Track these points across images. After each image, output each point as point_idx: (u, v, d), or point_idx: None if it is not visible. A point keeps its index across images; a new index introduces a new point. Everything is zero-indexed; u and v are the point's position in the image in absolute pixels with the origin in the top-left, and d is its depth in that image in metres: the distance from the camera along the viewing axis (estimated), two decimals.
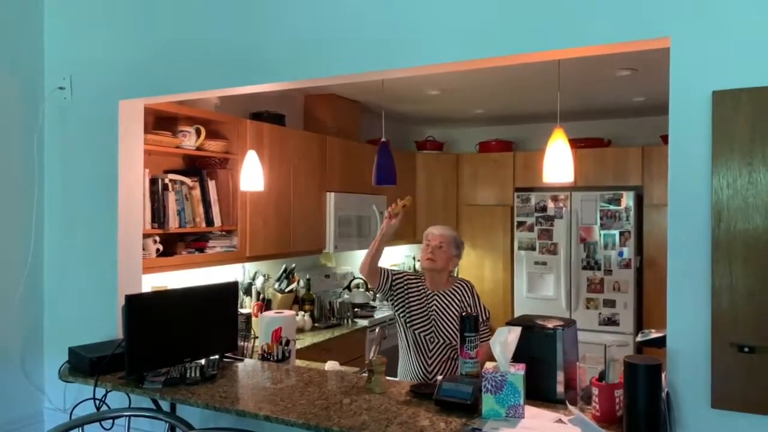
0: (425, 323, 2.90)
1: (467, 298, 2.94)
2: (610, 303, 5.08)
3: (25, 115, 3.15)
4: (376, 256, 2.90)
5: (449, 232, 2.99)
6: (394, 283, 2.95)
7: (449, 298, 2.93)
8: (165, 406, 2.60)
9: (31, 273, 3.14)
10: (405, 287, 2.96)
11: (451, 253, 2.95)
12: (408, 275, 3.04)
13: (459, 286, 2.98)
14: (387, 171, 3.31)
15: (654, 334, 2.26)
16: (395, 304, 2.97)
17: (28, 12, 3.17)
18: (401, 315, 2.95)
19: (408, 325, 2.93)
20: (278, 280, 4.20)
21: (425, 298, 2.95)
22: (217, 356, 2.68)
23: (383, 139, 3.39)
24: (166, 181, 3.33)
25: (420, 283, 2.99)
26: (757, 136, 1.78)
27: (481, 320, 2.85)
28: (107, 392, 2.54)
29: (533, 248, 5.37)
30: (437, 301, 2.93)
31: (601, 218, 5.11)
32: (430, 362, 2.89)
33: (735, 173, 1.80)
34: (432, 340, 2.89)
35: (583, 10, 2.04)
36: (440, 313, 2.90)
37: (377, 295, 4.74)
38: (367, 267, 2.90)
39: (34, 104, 3.18)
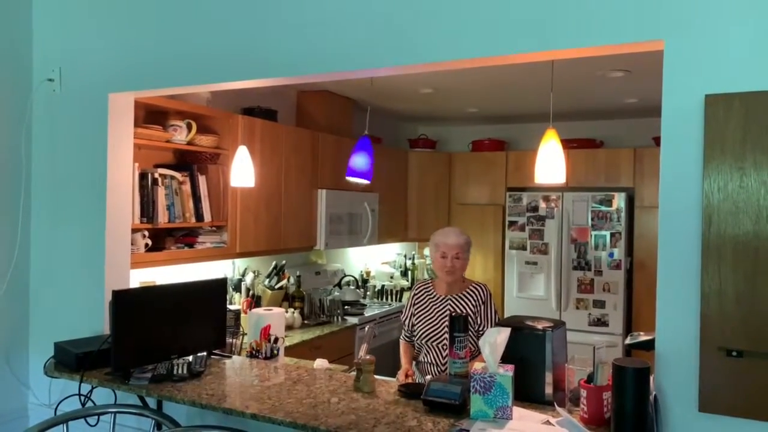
0: (437, 333, 2.94)
1: (480, 302, 2.96)
2: (599, 304, 5.09)
3: (12, 107, 3.11)
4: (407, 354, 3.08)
5: (462, 239, 3.00)
6: (413, 328, 3.05)
7: (464, 301, 2.96)
8: (151, 402, 2.59)
9: (17, 266, 3.11)
10: (412, 314, 3.05)
11: (466, 259, 3.01)
12: (415, 297, 3.08)
13: (474, 288, 2.99)
14: (362, 166, 3.29)
15: (643, 337, 2.27)
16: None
17: (17, 1, 3.13)
18: (415, 334, 3.05)
19: (421, 340, 2.99)
20: (268, 276, 4.18)
21: (438, 306, 2.98)
22: (204, 353, 2.66)
23: (365, 134, 3.39)
24: (156, 175, 3.31)
25: (428, 293, 3.04)
26: (749, 140, 1.78)
27: (487, 325, 2.88)
28: (93, 388, 2.52)
29: (524, 248, 5.37)
30: (451, 305, 2.96)
31: (592, 219, 5.12)
32: (443, 367, 2.92)
33: (726, 177, 1.80)
34: (445, 347, 2.91)
35: (577, 12, 2.03)
36: None
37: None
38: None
39: (22, 96, 3.14)
